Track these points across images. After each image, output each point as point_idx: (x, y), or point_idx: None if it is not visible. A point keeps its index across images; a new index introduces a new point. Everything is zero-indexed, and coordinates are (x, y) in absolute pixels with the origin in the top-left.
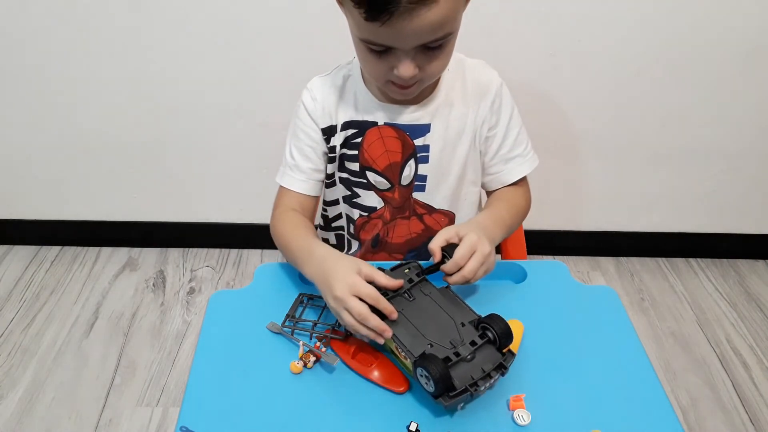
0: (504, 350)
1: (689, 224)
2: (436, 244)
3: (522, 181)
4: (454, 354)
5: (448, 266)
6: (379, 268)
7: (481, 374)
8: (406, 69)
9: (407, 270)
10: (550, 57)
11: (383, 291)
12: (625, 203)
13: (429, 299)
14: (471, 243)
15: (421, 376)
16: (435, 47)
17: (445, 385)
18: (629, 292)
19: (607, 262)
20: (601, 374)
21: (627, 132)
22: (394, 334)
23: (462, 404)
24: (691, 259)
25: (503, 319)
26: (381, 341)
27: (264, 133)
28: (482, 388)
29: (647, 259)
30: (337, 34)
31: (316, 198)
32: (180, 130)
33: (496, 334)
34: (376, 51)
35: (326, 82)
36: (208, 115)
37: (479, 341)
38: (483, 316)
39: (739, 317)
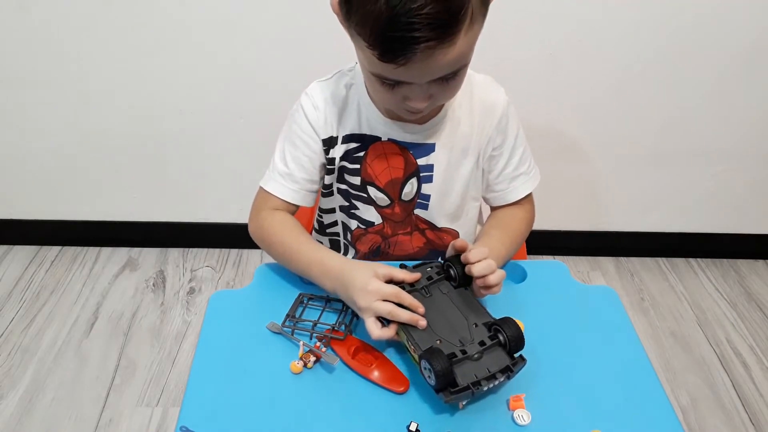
0: (515, 355)
1: (689, 224)
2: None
3: (525, 199)
4: (460, 351)
5: (471, 253)
6: (402, 265)
7: (485, 374)
8: (419, 102)
9: (429, 268)
10: (550, 57)
11: (402, 286)
12: (625, 203)
13: (446, 298)
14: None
15: (425, 369)
16: (449, 78)
17: (447, 380)
18: (629, 292)
19: (607, 262)
20: (601, 374)
21: (627, 132)
22: (405, 328)
23: (463, 402)
24: (691, 259)
25: (516, 324)
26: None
27: (264, 133)
28: (485, 388)
29: (647, 259)
30: (338, 37)
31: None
32: (180, 131)
33: (507, 338)
34: (388, 84)
35: (327, 89)
36: (208, 115)
37: (488, 342)
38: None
39: (739, 317)
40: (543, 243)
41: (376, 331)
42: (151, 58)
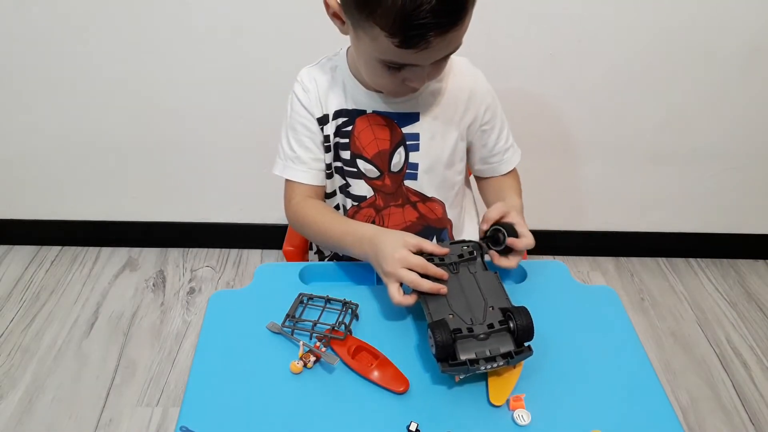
0: (523, 344)
1: (689, 224)
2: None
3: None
4: (467, 329)
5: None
6: (440, 240)
7: (485, 355)
8: (419, 82)
9: (465, 246)
10: (550, 57)
11: (431, 259)
12: (625, 203)
13: (471, 278)
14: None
15: (429, 338)
16: (445, 57)
17: (446, 352)
18: (629, 292)
19: (607, 262)
20: (601, 374)
21: (627, 132)
22: (424, 297)
23: (460, 376)
24: (691, 259)
25: (528, 315)
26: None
27: (264, 133)
28: (482, 368)
29: (647, 259)
30: (336, 38)
31: (324, 188)
32: (180, 130)
33: (516, 326)
34: (394, 68)
35: (314, 72)
36: (207, 115)
37: (497, 326)
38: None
39: (739, 317)
40: (543, 243)
41: (397, 296)
42: (151, 58)
